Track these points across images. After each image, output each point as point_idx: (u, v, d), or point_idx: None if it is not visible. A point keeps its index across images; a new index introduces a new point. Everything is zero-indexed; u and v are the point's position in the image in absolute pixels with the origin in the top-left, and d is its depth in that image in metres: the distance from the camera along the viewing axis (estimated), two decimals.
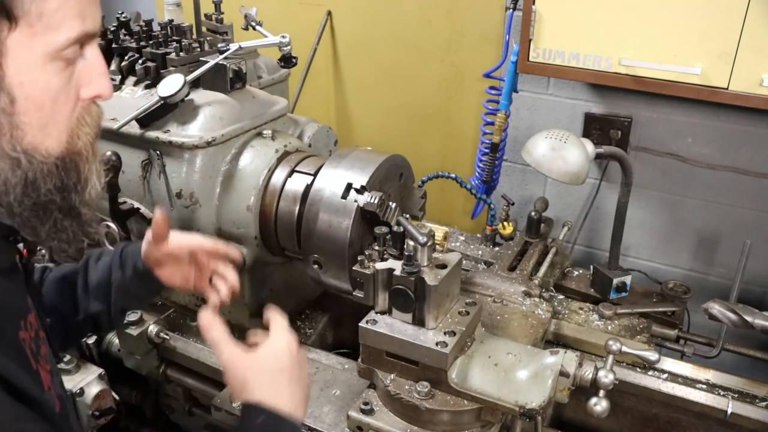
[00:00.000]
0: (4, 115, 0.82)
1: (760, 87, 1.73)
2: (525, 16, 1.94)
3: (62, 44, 0.83)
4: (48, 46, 0.82)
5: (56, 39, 0.82)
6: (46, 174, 0.88)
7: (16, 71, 0.81)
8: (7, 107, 0.82)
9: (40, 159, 0.86)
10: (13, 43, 0.80)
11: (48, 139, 0.87)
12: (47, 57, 0.83)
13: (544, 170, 1.79)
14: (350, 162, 1.60)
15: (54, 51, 0.83)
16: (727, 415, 1.68)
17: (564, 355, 1.42)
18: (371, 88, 2.79)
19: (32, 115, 0.84)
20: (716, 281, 2.35)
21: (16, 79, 0.81)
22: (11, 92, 0.82)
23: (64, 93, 0.87)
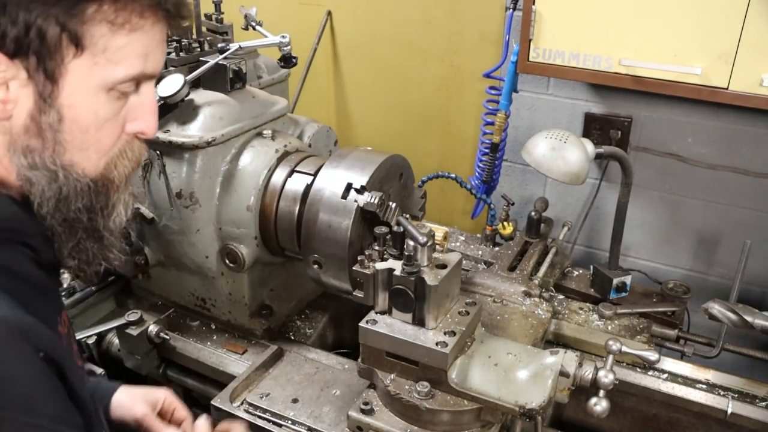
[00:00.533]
0: (50, 131, 0.87)
1: (760, 87, 1.73)
2: (525, 16, 1.94)
3: (119, 79, 0.88)
4: (105, 78, 0.87)
5: (114, 73, 0.87)
6: (78, 192, 0.92)
7: (70, 94, 0.86)
8: (54, 124, 0.87)
9: (75, 177, 0.91)
10: (74, 68, 0.85)
11: (86, 161, 0.92)
12: (102, 87, 0.88)
13: (544, 170, 1.79)
14: (350, 162, 1.60)
15: (110, 83, 0.88)
16: (727, 415, 1.69)
17: (564, 355, 1.42)
18: (371, 88, 2.79)
19: (75, 136, 0.89)
20: (716, 281, 2.35)
21: (67, 101, 0.86)
22: (61, 111, 0.86)
23: (111, 123, 0.91)
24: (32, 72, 0.84)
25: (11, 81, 0.84)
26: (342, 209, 1.53)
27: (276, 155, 1.73)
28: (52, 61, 0.84)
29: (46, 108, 0.86)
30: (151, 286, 2.00)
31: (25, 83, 0.85)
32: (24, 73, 0.84)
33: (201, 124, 1.68)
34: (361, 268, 1.46)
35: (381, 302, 1.45)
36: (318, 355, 1.78)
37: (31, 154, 0.88)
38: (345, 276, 1.56)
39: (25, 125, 0.87)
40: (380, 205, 1.51)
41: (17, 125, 0.87)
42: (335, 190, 1.55)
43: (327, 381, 1.66)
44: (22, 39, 0.81)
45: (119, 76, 0.88)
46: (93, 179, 0.93)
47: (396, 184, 1.68)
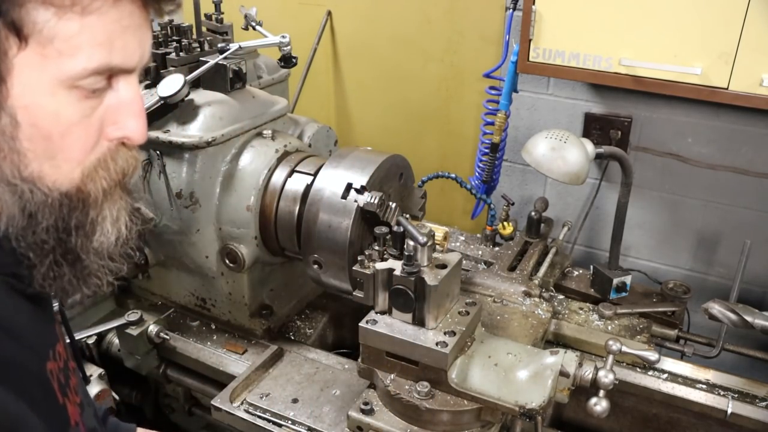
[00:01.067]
0: (5, 138, 0.75)
1: (760, 87, 1.73)
2: (525, 16, 1.94)
3: (78, 73, 0.75)
4: (60, 72, 0.74)
5: (71, 66, 0.74)
6: (47, 208, 0.80)
7: (22, 93, 0.74)
8: (8, 130, 0.75)
9: (43, 191, 0.79)
10: (21, 63, 0.73)
11: (56, 172, 0.79)
12: (59, 84, 0.75)
13: (544, 170, 1.79)
14: (350, 162, 1.60)
15: (68, 78, 0.75)
16: (727, 415, 1.69)
17: (564, 355, 1.42)
18: (371, 88, 2.79)
19: (37, 143, 0.76)
20: (716, 281, 2.35)
21: (21, 101, 0.74)
22: (14, 115, 0.75)
23: (82, 127, 0.79)
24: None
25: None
26: (342, 209, 1.53)
27: (276, 155, 1.73)
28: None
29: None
30: (151, 286, 2.00)
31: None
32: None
33: (201, 124, 1.68)
34: (361, 268, 1.46)
35: (381, 302, 1.45)
36: (318, 355, 1.78)
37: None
38: (345, 276, 1.56)
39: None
40: (380, 205, 1.51)
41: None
42: (335, 190, 1.55)
43: (327, 381, 1.66)
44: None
45: (77, 69, 0.74)
46: (66, 193, 0.80)
47: (396, 184, 1.68)
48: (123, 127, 0.82)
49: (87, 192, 0.82)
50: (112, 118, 0.81)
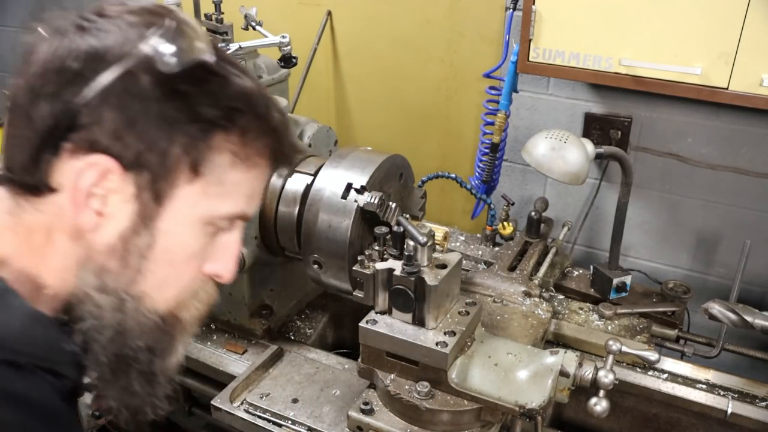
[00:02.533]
0: (137, 256, 0.79)
1: (760, 87, 1.73)
2: (525, 16, 1.94)
3: (222, 215, 0.83)
4: (210, 211, 0.81)
5: (220, 208, 0.82)
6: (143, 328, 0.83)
7: (170, 220, 0.79)
8: (144, 250, 0.79)
9: (144, 311, 0.82)
10: (183, 194, 0.79)
11: (159, 296, 0.83)
12: (202, 219, 0.82)
13: (544, 170, 1.79)
14: (350, 162, 1.60)
15: (212, 217, 0.82)
16: (727, 415, 1.69)
17: (564, 355, 1.42)
18: (371, 88, 2.79)
19: (161, 267, 0.81)
20: (716, 281, 2.35)
21: (165, 227, 0.79)
22: (155, 237, 0.79)
23: (197, 258, 0.85)
24: (141, 190, 0.76)
25: (113, 194, 0.76)
26: (342, 209, 1.53)
27: None
28: (164, 182, 0.77)
29: (141, 231, 0.78)
30: None
31: (128, 199, 0.77)
32: (132, 188, 0.76)
33: None
34: (361, 268, 1.46)
35: (381, 302, 1.45)
36: (318, 355, 1.78)
37: (105, 275, 0.80)
38: (345, 276, 1.56)
39: (110, 244, 0.79)
40: (380, 205, 1.51)
41: (101, 243, 0.79)
42: (335, 190, 1.55)
43: (327, 381, 1.66)
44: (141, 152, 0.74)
45: (223, 212, 0.82)
46: (162, 316, 0.84)
47: (396, 184, 1.68)
48: (222, 266, 0.88)
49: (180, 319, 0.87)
50: (215, 256, 0.87)
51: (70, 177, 0.75)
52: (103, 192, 0.76)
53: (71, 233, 0.79)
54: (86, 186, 0.75)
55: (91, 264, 0.80)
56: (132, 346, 0.83)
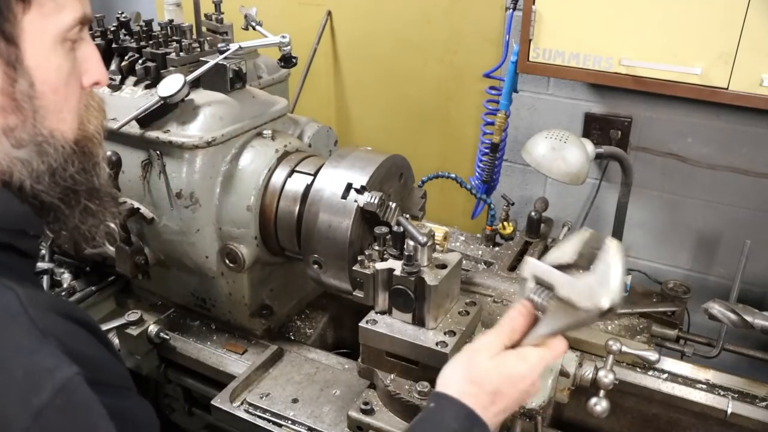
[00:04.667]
0: (27, 100, 0.81)
1: (760, 87, 1.73)
2: (525, 16, 1.94)
3: (69, 25, 0.83)
4: (57, 27, 0.82)
5: (64, 19, 0.82)
6: (68, 158, 0.87)
7: (33, 54, 0.80)
8: (28, 91, 0.81)
9: (60, 144, 0.86)
10: (28, 24, 0.79)
11: (63, 124, 0.86)
12: (57, 38, 0.82)
13: (544, 170, 1.79)
14: (350, 162, 1.60)
15: (62, 31, 0.83)
16: (727, 415, 1.68)
17: (564, 355, 1.41)
18: (371, 88, 2.79)
19: (49, 99, 0.83)
20: (716, 281, 2.35)
21: (34, 62, 0.80)
22: (30, 76, 0.81)
23: (73, 77, 0.86)
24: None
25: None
26: (342, 209, 1.53)
27: (276, 155, 1.73)
28: (7, 23, 0.78)
29: (15, 76, 0.80)
30: (151, 286, 2.00)
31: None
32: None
33: (201, 124, 1.68)
34: (361, 268, 1.46)
35: (381, 302, 1.45)
36: (318, 355, 1.78)
37: (13, 132, 0.82)
38: (345, 276, 1.56)
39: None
40: (380, 205, 1.51)
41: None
42: (335, 190, 1.55)
43: (327, 381, 1.66)
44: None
45: (68, 21, 0.83)
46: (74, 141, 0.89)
47: (396, 184, 1.68)
48: (93, 73, 0.90)
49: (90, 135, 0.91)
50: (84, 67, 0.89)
51: None
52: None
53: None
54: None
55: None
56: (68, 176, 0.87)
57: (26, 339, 0.70)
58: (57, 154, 0.85)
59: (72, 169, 0.88)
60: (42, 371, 0.68)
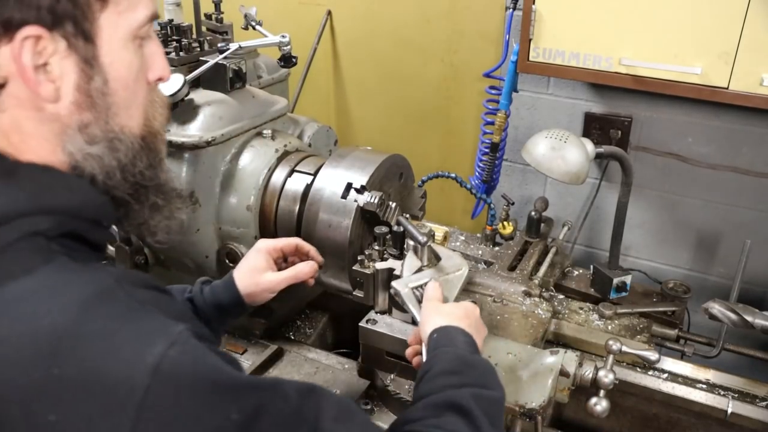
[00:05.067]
0: (101, 96, 0.82)
1: (760, 87, 1.73)
2: (525, 16, 1.94)
3: (141, 22, 0.85)
4: (130, 25, 0.84)
5: (137, 17, 0.84)
6: (137, 154, 0.88)
7: (107, 51, 0.82)
8: (102, 88, 0.82)
9: (129, 139, 0.87)
10: (104, 22, 0.81)
11: (131, 121, 0.88)
12: (129, 36, 0.84)
13: (544, 170, 1.79)
14: (350, 162, 1.60)
15: (135, 29, 0.84)
16: (727, 415, 1.68)
17: (564, 355, 1.42)
18: (371, 88, 2.79)
19: (120, 96, 0.85)
20: (716, 281, 2.35)
21: (107, 59, 0.82)
22: (105, 72, 0.82)
23: (141, 73, 0.88)
24: (71, 39, 0.78)
25: (52, 57, 0.78)
26: (342, 209, 1.53)
27: (276, 155, 1.73)
28: (86, 22, 0.79)
29: (92, 73, 0.81)
30: None
31: (65, 54, 0.79)
32: (63, 43, 0.78)
33: (201, 124, 1.68)
34: (361, 267, 1.46)
35: (381, 302, 1.45)
36: (318, 355, 1.78)
37: (87, 128, 0.83)
38: (345, 276, 1.56)
39: (74, 101, 0.81)
40: (380, 205, 1.51)
41: (65, 105, 0.81)
42: (335, 190, 1.55)
43: (327, 381, 1.66)
44: (54, 6, 0.76)
45: (140, 19, 0.85)
46: (141, 136, 0.90)
47: (396, 183, 1.68)
48: (158, 69, 0.91)
49: (155, 130, 0.92)
50: (149, 63, 0.90)
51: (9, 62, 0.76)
52: (44, 60, 0.77)
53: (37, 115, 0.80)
54: (29, 62, 0.76)
55: (70, 129, 0.82)
56: (137, 172, 0.89)
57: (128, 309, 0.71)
58: (127, 150, 0.87)
59: (140, 165, 0.89)
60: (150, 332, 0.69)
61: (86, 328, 0.68)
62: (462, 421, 0.90)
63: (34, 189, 0.78)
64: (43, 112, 0.80)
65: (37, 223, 0.76)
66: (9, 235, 0.74)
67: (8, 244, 0.73)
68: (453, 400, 0.93)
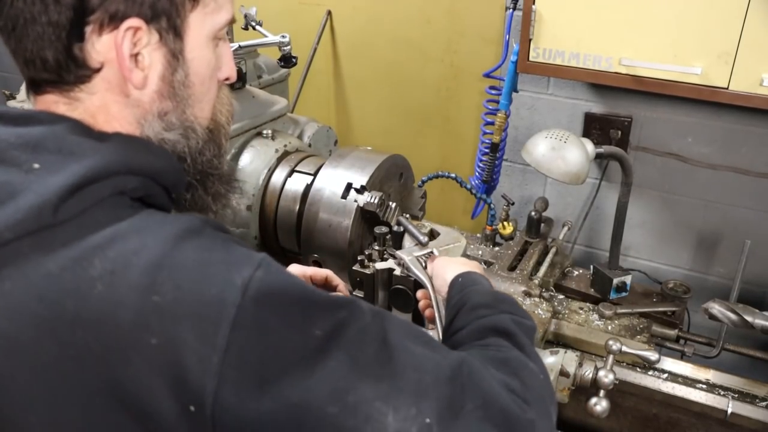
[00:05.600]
0: (182, 88, 0.90)
1: (760, 87, 1.73)
2: (525, 16, 1.94)
3: (222, 25, 0.93)
4: (213, 25, 0.91)
5: (219, 19, 0.92)
6: (205, 144, 0.96)
7: (192, 48, 0.89)
8: (183, 80, 0.90)
9: (199, 129, 0.95)
10: (192, 20, 0.88)
11: (201, 113, 0.95)
12: (211, 35, 0.92)
13: (544, 170, 1.79)
14: (350, 162, 1.60)
15: (216, 30, 0.92)
16: (727, 415, 1.68)
17: (564, 355, 1.42)
18: (371, 88, 2.79)
19: (197, 89, 0.92)
20: (716, 281, 2.35)
21: (191, 55, 0.89)
22: (188, 66, 0.90)
23: (215, 71, 0.95)
24: (164, 33, 0.86)
25: (145, 48, 0.85)
26: (342, 209, 1.53)
27: (276, 155, 1.73)
28: (178, 19, 0.87)
29: (176, 66, 0.89)
30: None
31: (156, 46, 0.86)
32: (156, 36, 0.85)
33: None
34: (361, 268, 1.46)
35: (381, 302, 1.45)
36: None
37: (166, 116, 0.90)
38: (345, 276, 1.56)
39: (157, 90, 0.88)
40: (380, 205, 1.51)
41: (148, 92, 0.88)
42: (335, 190, 1.55)
43: None
44: (155, 2, 0.84)
45: (222, 21, 0.92)
46: (208, 128, 0.97)
47: (396, 184, 1.68)
48: (226, 69, 0.99)
49: (220, 124, 1.00)
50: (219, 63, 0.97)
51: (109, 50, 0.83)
52: (138, 49, 0.85)
53: (123, 100, 0.87)
54: (127, 50, 0.84)
55: (150, 115, 0.89)
56: (205, 160, 0.96)
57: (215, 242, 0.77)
58: (198, 139, 0.94)
59: (208, 155, 0.97)
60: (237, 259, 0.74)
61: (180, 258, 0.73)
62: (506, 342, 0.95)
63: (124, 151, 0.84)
64: (129, 97, 0.87)
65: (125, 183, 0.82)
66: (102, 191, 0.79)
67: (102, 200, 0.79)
68: (495, 324, 0.98)
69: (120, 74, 0.85)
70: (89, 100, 0.86)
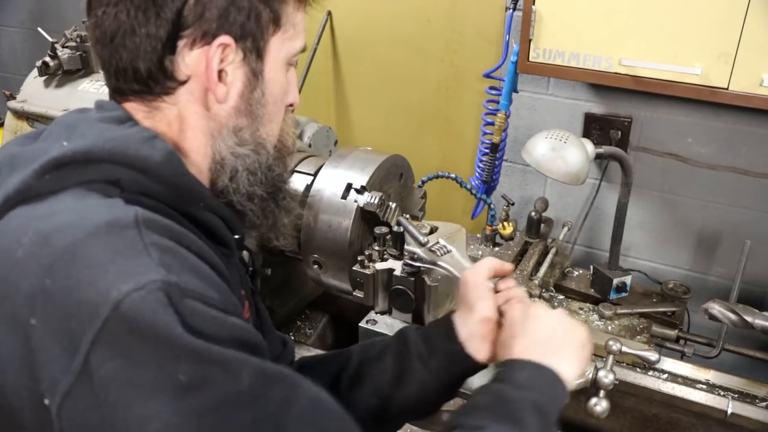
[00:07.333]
0: (258, 106, 0.95)
1: (760, 87, 1.73)
2: (525, 16, 1.94)
3: (296, 51, 0.99)
4: (290, 50, 0.98)
5: (295, 46, 0.99)
6: (273, 162, 1.00)
7: (270, 69, 0.95)
8: (260, 99, 0.95)
9: (267, 148, 0.99)
10: (273, 44, 0.94)
11: (271, 132, 1.00)
12: (286, 60, 0.98)
13: (544, 170, 1.79)
14: (350, 162, 1.60)
15: (291, 55, 0.98)
16: (727, 415, 1.69)
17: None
18: (371, 88, 2.79)
19: (270, 109, 0.97)
20: (716, 281, 2.35)
21: (268, 76, 0.95)
22: (264, 87, 0.95)
23: (285, 94, 1.01)
24: (248, 53, 0.91)
25: (230, 65, 0.90)
26: (342, 209, 1.53)
27: None
28: (262, 41, 0.92)
29: (255, 85, 0.94)
30: None
31: (240, 65, 0.91)
32: (240, 54, 0.91)
33: None
34: (361, 268, 1.46)
35: (381, 302, 1.45)
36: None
37: (240, 131, 0.95)
38: (345, 276, 1.56)
39: (235, 106, 0.93)
40: (380, 205, 1.51)
41: (226, 108, 0.93)
42: (335, 191, 1.55)
43: None
44: (245, 23, 0.89)
45: (297, 48, 0.99)
46: (276, 148, 1.02)
47: (396, 184, 1.68)
48: (293, 95, 1.04)
49: (287, 146, 1.05)
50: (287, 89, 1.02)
51: (198, 64, 0.88)
52: (224, 66, 0.90)
53: (203, 112, 0.92)
54: (216, 65, 0.89)
55: (225, 129, 0.94)
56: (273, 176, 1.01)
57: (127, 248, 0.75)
58: (268, 155, 0.99)
59: (277, 170, 1.01)
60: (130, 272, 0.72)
61: (84, 250, 0.73)
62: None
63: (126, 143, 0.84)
64: (209, 111, 0.92)
65: (114, 172, 0.82)
66: (86, 174, 0.81)
67: (89, 182, 0.81)
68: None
69: (204, 88, 0.90)
70: (169, 110, 0.91)
